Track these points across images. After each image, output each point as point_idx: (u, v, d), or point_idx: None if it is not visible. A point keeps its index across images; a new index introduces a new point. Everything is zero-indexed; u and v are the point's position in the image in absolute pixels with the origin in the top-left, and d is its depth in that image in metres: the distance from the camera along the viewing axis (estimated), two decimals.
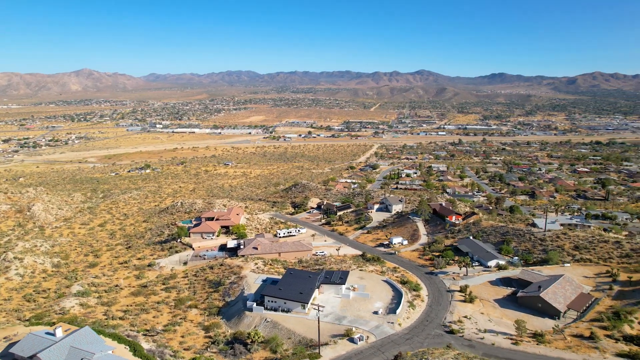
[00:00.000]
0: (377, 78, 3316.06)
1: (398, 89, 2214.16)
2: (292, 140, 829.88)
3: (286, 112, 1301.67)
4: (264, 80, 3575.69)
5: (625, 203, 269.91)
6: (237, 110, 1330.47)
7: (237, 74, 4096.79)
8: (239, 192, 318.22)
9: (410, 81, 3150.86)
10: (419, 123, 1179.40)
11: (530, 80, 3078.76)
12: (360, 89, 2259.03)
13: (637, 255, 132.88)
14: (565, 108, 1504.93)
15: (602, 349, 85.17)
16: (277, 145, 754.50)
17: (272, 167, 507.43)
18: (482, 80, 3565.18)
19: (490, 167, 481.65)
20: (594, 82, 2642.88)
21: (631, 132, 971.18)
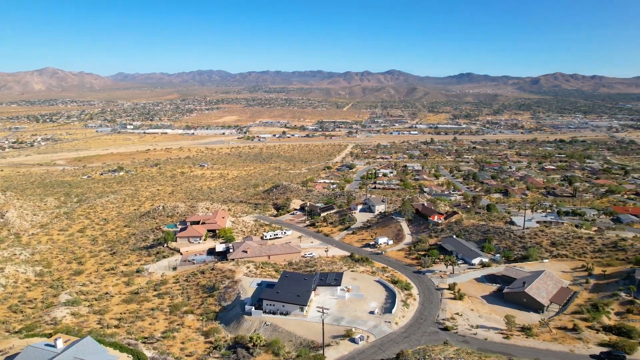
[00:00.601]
0: (348, 78, 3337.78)
1: (370, 89, 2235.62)
2: (267, 140, 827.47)
3: (259, 112, 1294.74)
4: (235, 80, 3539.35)
5: (591, 199, 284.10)
6: (210, 110, 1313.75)
7: (208, 74, 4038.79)
8: (218, 194, 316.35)
9: (382, 81, 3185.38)
10: (392, 122, 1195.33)
11: (497, 80, 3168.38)
12: (332, 88, 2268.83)
13: (608, 249, 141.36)
14: (530, 107, 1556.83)
15: (585, 339, 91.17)
16: (251, 145, 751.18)
17: (248, 168, 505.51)
18: (450, 80, 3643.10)
19: (463, 166, 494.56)
20: (555, 82, 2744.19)
21: (591, 131, 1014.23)
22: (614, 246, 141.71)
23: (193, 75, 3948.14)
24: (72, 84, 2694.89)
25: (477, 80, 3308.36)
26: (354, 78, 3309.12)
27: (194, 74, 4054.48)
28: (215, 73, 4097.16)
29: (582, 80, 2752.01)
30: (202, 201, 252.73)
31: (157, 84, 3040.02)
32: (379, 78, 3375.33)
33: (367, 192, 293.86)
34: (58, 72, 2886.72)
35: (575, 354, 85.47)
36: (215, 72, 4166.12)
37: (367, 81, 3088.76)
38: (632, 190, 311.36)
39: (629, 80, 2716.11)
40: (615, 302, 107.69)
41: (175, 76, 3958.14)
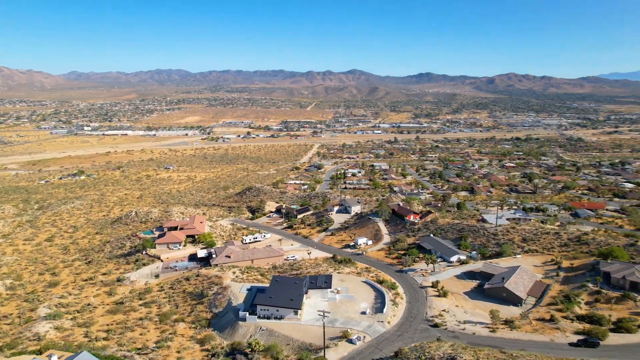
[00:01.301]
0: (311, 77, 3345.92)
1: (332, 88, 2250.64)
2: (231, 141, 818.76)
3: (222, 112, 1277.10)
4: (196, 79, 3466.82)
5: (550, 195, 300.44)
6: (171, 111, 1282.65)
7: (168, 73, 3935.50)
8: (189, 198, 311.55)
9: (344, 80, 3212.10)
10: (355, 122, 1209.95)
11: (455, 79, 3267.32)
12: (295, 88, 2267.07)
13: (573, 244, 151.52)
14: (487, 106, 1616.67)
15: (563, 329, 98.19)
16: (216, 146, 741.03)
17: (216, 170, 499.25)
18: (410, 79, 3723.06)
19: (428, 165, 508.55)
20: (509, 82, 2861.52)
21: (543, 129, 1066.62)
22: (578, 240, 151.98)
23: (152, 75, 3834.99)
24: (20, 83, 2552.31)
25: (436, 80, 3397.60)
26: (316, 77, 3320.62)
27: (153, 73, 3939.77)
28: (174, 72, 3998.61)
29: (533, 81, 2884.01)
30: (176, 206, 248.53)
31: (114, 83, 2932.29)
32: (341, 77, 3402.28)
33: (338, 192, 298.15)
34: (3, 70, 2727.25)
35: (555, 342, 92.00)
36: (174, 71, 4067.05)
37: (329, 81, 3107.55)
38: (585, 185, 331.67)
39: (575, 81, 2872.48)
40: (584, 292, 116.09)
41: (133, 75, 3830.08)
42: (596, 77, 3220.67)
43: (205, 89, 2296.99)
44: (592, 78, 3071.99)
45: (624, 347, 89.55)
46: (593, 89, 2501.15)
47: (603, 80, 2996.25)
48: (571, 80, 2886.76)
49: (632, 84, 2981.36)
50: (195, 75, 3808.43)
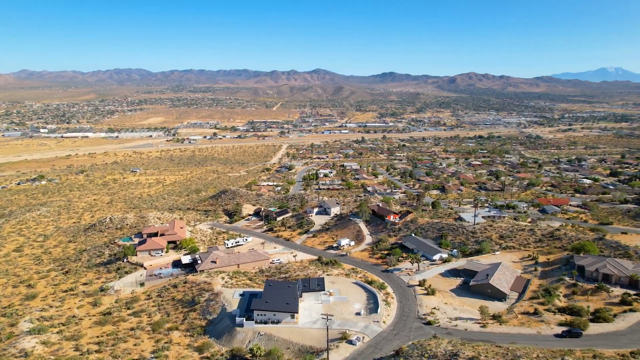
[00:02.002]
0: (275, 77, 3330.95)
1: (297, 88, 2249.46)
2: (198, 142, 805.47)
3: (186, 112, 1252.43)
4: (157, 79, 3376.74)
5: (517, 192, 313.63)
6: (133, 112, 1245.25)
7: (127, 72, 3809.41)
8: (162, 202, 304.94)
9: (308, 80, 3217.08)
10: (322, 122, 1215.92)
11: (418, 79, 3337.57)
12: (260, 87, 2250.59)
13: (547, 239, 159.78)
14: (450, 105, 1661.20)
15: (547, 321, 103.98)
16: (182, 148, 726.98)
17: (185, 173, 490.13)
18: (374, 79, 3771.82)
19: (398, 164, 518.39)
20: (470, 81, 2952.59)
21: (504, 127, 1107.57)
22: (551, 236, 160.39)
23: (110, 74, 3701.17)
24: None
25: (399, 80, 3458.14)
26: (280, 77, 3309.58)
27: (112, 72, 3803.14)
28: (134, 72, 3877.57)
29: (492, 80, 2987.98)
30: (152, 211, 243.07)
31: (69, 83, 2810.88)
32: (306, 77, 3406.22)
33: (315, 194, 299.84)
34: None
35: (542, 335, 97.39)
36: (134, 70, 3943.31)
37: (294, 80, 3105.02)
38: (548, 182, 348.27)
39: (530, 81, 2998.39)
40: (562, 286, 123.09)
41: (90, 75, 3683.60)
42: (550, 76, 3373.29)
43: (168, 88, 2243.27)
44: (546, 78, 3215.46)
45: (604, 336, 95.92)
46: (547, 88, 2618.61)
47: (556, 80, 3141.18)
48: (527, 80, 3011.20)
49: (582, 83, 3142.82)
50: (156, 74, 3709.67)
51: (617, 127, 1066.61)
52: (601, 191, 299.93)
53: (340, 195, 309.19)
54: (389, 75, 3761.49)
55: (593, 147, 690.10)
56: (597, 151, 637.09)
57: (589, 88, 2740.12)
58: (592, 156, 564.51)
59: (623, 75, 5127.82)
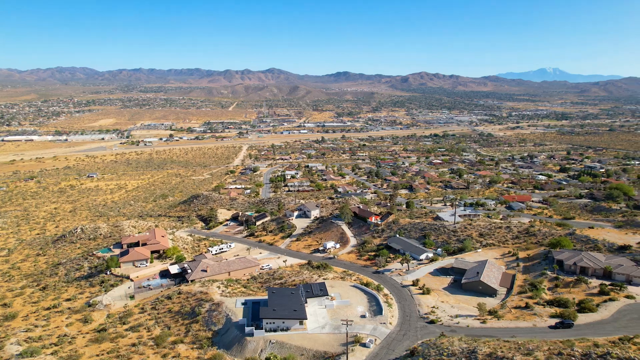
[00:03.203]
0: (229, 76, 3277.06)
1: (252, 88, 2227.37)
2: (154, 144, 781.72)
3: (139, 113, 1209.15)
4: (104, 79, 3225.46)
5: (482, 190, 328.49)
6: (81, 113, 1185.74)
7: (71, 71, 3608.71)
8: (129, 209, 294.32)
9: (263, 79, 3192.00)
10: (280, 122, 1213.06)
11: (372, 78, 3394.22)
12: (214, 87, 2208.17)
13: (523, 235, 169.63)
14: (404, 104, 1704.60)
15: (539, 314, 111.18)
16: (139, 151, 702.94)
17: (146, 177, 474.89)
18: (329, 78, 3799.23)
19: (362, 164, 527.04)
20: (422, 80, 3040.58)
21: (457, 125, 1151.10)
22: (527, 232, 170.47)
23: (52, 73, 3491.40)
24: None
25: (353, 79, 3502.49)
26: (234, 76, 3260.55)
27: (53, 71, 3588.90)
28: (79, 70, 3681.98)
29: (443, 79, 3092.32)
30: (126, 219, 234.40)
31: (5, 81, 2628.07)
32: (260, 76, 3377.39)
33: (287, 196, 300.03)
34: None
35: (538, 327, 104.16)
36: (79, 69, 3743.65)
37: (249, 80, 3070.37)
38: (508, 179, 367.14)
39: (479, 80, 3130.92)
40: (545, 279, 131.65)
41: (29, 73, 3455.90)
42: (496, 76, 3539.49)
43: (117, 88, 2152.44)
44: (493, 77, 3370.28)
45: (592, 325, 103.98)
46: (494, 87, 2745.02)
47: (502, 80, 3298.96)
48: (476, 79, 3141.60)
49: (525, 83, 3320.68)
50: (103, 74, 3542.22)
51: (559, 124, 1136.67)
52: (557, 187, 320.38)
53: (312, 197, 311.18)
54: (344, 74, 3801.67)
55: (541, 144, 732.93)
56: (545, 148, 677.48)
57: (531, 87, 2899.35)
58: (541, 153, 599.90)
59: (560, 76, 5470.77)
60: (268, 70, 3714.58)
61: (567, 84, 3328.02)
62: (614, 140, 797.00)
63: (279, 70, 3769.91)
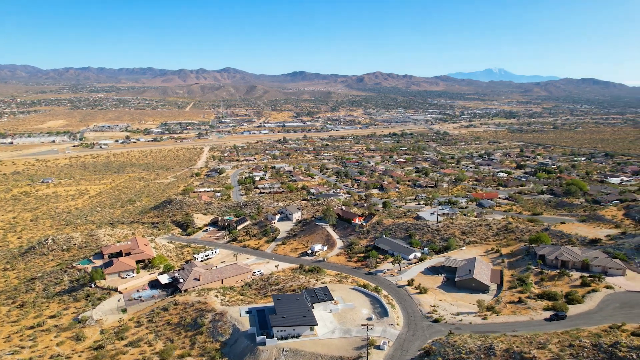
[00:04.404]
0: (183, 76, 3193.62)
1: (209, 87, 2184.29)
2: (110, 147, 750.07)
3: (91, 114, 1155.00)
4: (50, 77, 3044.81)
5: (449, 188, 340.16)
6: (26, 114, 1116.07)
7: (11, 69, 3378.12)
8: (97, 216, 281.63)
9: (219, 79, 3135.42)
10: (239, 122, 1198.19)
11: (328, 78, 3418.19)
12: (169, 87, 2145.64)
13: (502, 233, 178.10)
14: (361, 104, 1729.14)
15: (533, 308, 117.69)
16: (94, 154, 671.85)
17: (107, 181, 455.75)
18: (285, 77, 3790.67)
19: (328, 164, 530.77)
20: (377, 80, 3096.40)
21: (413, 124, 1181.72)
22: (506, 229, 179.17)
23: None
24: None
25: (310, 79, 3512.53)
26: (189, 76, 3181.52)
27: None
28: (20, 68, 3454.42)
29: (397, 79, 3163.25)
30: (85, 226, 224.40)
31: None
32: (216, 76, 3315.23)
33: (266, 199, 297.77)
34: None
35: (535, 320, 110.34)
36: (20, 67, 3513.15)
37: (204, 79, 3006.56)
38: (472, 177, 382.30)
39: (431, 80, 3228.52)
40: (531, 274, 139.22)
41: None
42: (447, 76, 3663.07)
43: (64, 88, 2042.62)
44: (444, 77, 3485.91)
45: (582, 316, 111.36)
46: (446, 87, 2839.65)
47: (452, 79, 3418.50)
48: (428, 79, 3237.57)
49: (474, 82, 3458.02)
50: (47, 72, 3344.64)
51: (509, 123, 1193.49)
52: (519, 184, 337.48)
53: (286, 199, 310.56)
54: (300, 74, 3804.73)
55: (495, 142, 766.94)
56: (499, 146, 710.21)
57: (480, 87, 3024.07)
58: (497, 151, 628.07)
59: (505, 76, 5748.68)
60: (224, 70, 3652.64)
61: (512, 83, 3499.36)
62: (558, 137, 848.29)
63: (234, 69, 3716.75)
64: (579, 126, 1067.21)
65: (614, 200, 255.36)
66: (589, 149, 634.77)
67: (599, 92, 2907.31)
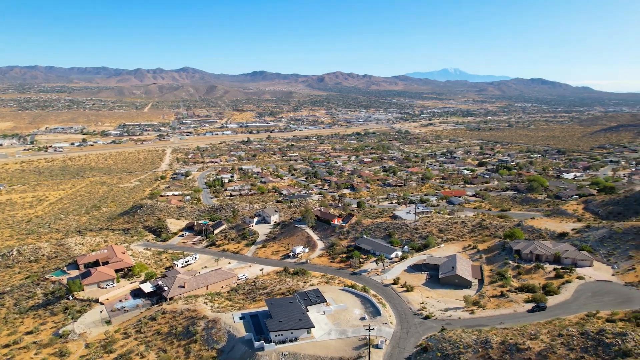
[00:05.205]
0: (140, 75, 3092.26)
1: (167, 87, 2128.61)
2: (66, 150, 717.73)
3: (42, 116, 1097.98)
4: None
5: (418, 186, 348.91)
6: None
7: None
8: (61, 224, 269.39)
9: (177, 79, 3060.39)
10: (201, 123, 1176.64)
11: (288, 77, 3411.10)
12: (125, 87, 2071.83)
13: (477, 229, 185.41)
14: (323, 103, 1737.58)
15: (515, 300, 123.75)
16: (49, 157, 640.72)
17: (66, 187, 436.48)
18: (245, 77, 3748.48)
19: (295, 164, 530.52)
20: (337, 80, 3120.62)
21: (375, 123, 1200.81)
22: (480, 226, 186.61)
23: None
24: None
25: (270, 78, 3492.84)
26: (146, 76, 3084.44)
27: None
28: None
29: (357, 79, 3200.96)
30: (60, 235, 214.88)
31: None
32: (174, 76, 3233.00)
33: (241, 202, 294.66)
34: None
35: (518, 312, 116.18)
36: None
37: (162, 79, 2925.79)
38: (439, 175, 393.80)
39: (390, 79, 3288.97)
40: (509, 268, 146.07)
41: None
42: (405, 75, 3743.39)
43: (9, 87, 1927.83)
44: (403, 77, 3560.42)
45: (560, 306, 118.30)
46: (405, 87, 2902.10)
47: (411, 79, 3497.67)
48: (387, 79, 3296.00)
49: (431, 82, 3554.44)
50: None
51: (466, 121, 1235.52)
52: (483, 181, 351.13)
53: (259, 201, 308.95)
54: (260, 74, 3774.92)
55: (455, 140, 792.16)
56: (460, 144, 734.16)
57: (437, 86, 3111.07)
58: (458, 149, 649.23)
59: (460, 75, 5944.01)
60: (182, 69, 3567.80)
61: (468, 83, 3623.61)
62: (513, 135, 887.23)
63: (193, 69, 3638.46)
64: (531, 124, 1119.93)
65: (573, 195, 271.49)
66: (542, 146, 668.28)
67: (547, 91, 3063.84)
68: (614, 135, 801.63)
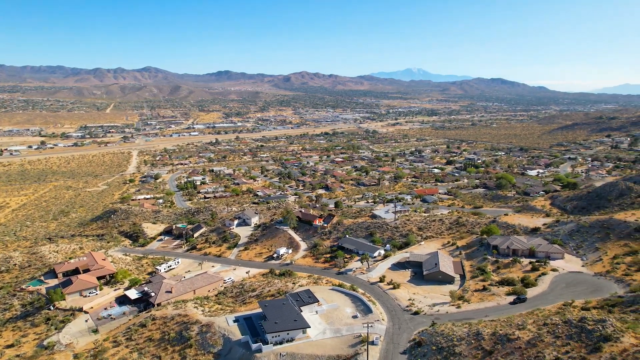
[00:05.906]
0: (100, 75, 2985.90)
1: (129, 88, 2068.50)
2: (23, 153, 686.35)
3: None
4: None
5: (391, 185, 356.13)
6: None
7: None
8: (28, 231, 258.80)
9: (139, 79, 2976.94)
10: (167, 124, 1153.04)
11: (254, 77, 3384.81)
12: (84, 87, 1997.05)
13: (455, 226, 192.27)
14: (290, 103, 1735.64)
15: (497, 294, 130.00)
16: (4, 162, 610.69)
17: (28, 192, 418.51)
18: (210, 77, 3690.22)
19: (267, 165, 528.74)
20: (303, 80, 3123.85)
21: (343, 123, 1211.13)
22: (457, 223, 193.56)
23: None
24: None
25: (235, 78, 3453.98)
26: (106, 75, 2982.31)
27: None
28: None
29: (323, 79, 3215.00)
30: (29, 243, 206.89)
31: None
32: (136, 76, 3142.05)
33: (218, 204, 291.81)
34: None
35: (501, 305, 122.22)
36: None
37: (123, 79, 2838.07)
38: (410, 174, 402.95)
39: (355, 79, 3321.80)
40: (488, 263, 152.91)
41: None
42: (370, 75, 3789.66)
43: None
44: (368, 77, 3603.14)
45: (539, 297, 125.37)
46: (370, 86, 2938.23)
47: (376, 79, 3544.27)
48: (353, 79, 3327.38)
49: (396, 82, 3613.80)
50: None
51: (431, 120, 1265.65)
52: (453, 179, 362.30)
53: (235, 203, 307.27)
54: (225, 73, 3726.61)
55: (422, 139, 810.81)
56: (427, 143, 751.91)
57: (402, 86, 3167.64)
58: (426, 147, 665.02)
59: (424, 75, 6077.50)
60: (144, 69, 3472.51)
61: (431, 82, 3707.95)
62: (477, 133, 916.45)
63: (156, 69, 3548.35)
64: (493, 122, 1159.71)
65: (540, 191, 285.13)
66: (506, 144, 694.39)
67: (507, 90, 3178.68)
68: (570, 133, 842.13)
